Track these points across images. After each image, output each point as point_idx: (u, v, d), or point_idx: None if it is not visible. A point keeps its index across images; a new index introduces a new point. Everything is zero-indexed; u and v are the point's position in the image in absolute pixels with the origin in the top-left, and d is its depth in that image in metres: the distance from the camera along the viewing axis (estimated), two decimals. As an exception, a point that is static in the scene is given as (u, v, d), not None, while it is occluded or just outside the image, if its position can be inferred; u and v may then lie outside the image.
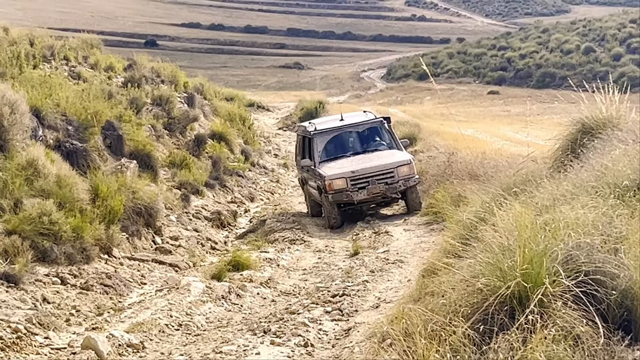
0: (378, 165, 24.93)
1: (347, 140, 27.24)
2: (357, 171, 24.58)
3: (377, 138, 27.16)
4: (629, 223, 8.95)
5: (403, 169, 24.61)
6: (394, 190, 24.66)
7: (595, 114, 14.40)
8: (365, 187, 24.40)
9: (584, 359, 7.05)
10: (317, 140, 26.56)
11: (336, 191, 24.29)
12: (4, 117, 17.82)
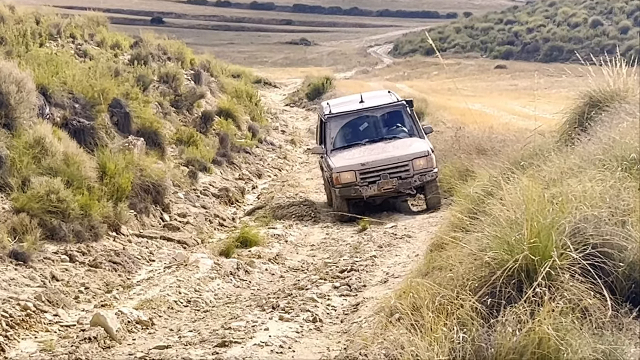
0: (391, 157, 22.11)
1: (363, 126, 24.29)
2: (368, 164, 21.95)
3: (397, 124, 24.26)
4: (636, 196, 8.95)
5: (419, 161, 21.75)
6: (408, 186, 21.88)
7: (603, 87, 14.40)
8: (375, 182, 21.79)
9: (591, 331, 7.06)
10: (331, 125, 24.09)
11: (344, 185, 21.99)
12: (11, 96, 17.84)
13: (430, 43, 13.41)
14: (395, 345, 6.68)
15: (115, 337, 12.45)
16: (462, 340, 6.62)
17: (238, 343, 11.97)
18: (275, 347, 11.86)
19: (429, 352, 6.30)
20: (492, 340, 6.67)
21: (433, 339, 6.61)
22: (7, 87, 17.82)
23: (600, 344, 6.92)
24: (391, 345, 6.73)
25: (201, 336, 12.47)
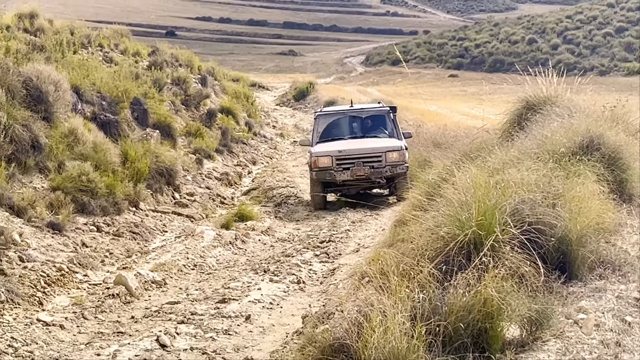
0: (367, 148, 20.84)
1: (348, 124, 22.86)
2: (344, 151, 20.60)
3: (379, 126, 22.51)
4: (564, 183, 9.00)
5: (392, 154, 20.39)
6: (379, 175, 20.40)
7: (537, 93, 14.45)
8: (349, 168, 20.23)
9: (527, 293, 7.09)
10: (320, 121, 22.84)
11: (321, 169, 20.39)
12: (50, 94, 17.81)
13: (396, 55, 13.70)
14: (366, 304, 6.68)
15: (134, 294, 12.51)
16: (422, 299, 6.63)
17: (236, 300, 12.03)
18: (266, 303, 11.93)
19: (394, 309, 6.30)
20: (446, 300, 6.68)
21: (397, 298, 6.62)
22: (46, 87, 17.79)
23: (534, 304, 6.95)
24: (362, 303, 6.73)
25: (205, 294, 12.53)
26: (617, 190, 10.59)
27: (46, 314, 11.25)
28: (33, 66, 18.59)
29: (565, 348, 6.62)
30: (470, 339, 6.51)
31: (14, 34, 25.01)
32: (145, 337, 10.19)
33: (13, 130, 15.67)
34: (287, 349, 9.40)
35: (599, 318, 7.24)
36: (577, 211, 8.32)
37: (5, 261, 12.37)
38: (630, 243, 9.34)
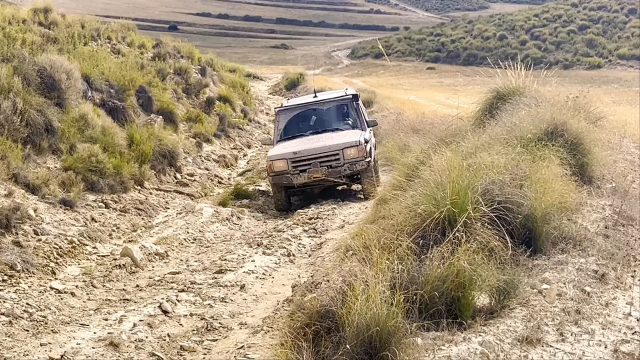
0: (322, 146, 17.53)
1: (309, 118, 19.57)
2: (299, 152, 17.37)
3: (341, 117, 19.47)
4: (531, 166, 9.05)
5: (350, 151, 17.18)
6: (337, 174, 17.38)
7: (507, 84, 14.48)
8: (306, 170, 17.24)
9: (496, 265, 7.12)
10: (280, 118, 19.79)
11: (277, 173, 17.35)
12: (62, 82, 17.78)
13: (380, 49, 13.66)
14: (350, 274, 6.70)
15: (139, 265, 12.52)
16: (400, 271, 6.65)
17: (231, 271, 12.04)
18: (259, 274, 11.94)
19: (375, 279, 6.32)
20: (422, 271, 6.70)
21: (378, 269, 6.63)
22: (59, 76, 17.75)
23: (502, 275, 6.98)
24: (347, 274, 6.75)
25: (204, 265, 12.55)
26: (579, 172, 10.64)
27: (58, 282, 11.26)
28: (47, 56, 18.55)
29: (530, 315, 6.65)
30: (444, 307, 6.54)
31: (30, 27, 24.94)
32: (149, 304, 10.20)
33: (28, 114, 15.65)
34: (278, 315, 9.42)
35: (561, 288, 7.28)
36: (542, 191, 8.37)
37: (21, 234, 12.38)
38: (590, 221, 9.39)
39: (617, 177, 11.88)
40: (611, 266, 8.02)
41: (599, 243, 8.60)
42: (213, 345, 9.26)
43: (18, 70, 16.79)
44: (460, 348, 6.02)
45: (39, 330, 9.38)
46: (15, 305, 10.07)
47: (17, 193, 13.61)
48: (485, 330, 6.37)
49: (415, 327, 6.21)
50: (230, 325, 9.86)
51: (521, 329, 6.38)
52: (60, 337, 9.04)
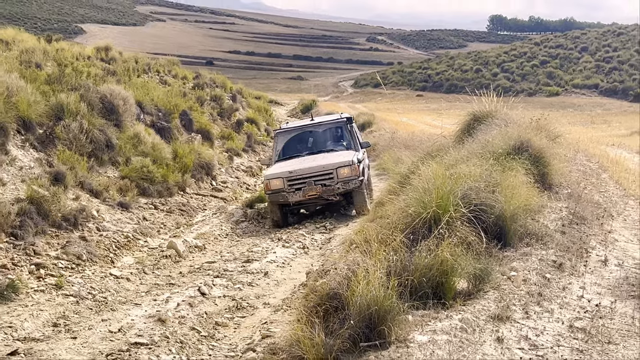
0: (317, 166, 15.54)
1: (306, 140, 17.49)
2: (295, 171, 15.43)
3: (336, 138, 17.42)
4: (501, 175, 9.05)
5: (343, 170, 15.21)
6: (331, 193, 15.30)
7: (482, 109, 14.48)
8: (301, 189, 15.26)
9: (473, 256, 7.12)
10: (278, 139, 17.63)
11: (273, 191, 15.35)
12: (120, 107, 17.86)
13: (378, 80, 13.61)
14: (354, 263, 6.70)
15: (181, 255, 12.54)
16: (395, 260, 6.66)
17: (257, 260, 12.05)
18: (279, 263, 11.94)
19: (374, 267, 6.33)
20: (413, 260, 6.70)
21: (377, 259, 6.64)
22: (117, 102, 17.83)
23: (478, 264, 6.98)
24: (351, 263, 6.75)
25: (234, 256, 12.54)
26: (540, 181, 10.66)
27: (116, 270, 11.30)
28: (107, 86, 18.62)
29: (501, 297, 6.65)
30: (430, 290, 6.54)
31: (93, 62, 25.06)
32: (190, 287, 10.22)
33: (92, 133, 15.73)
34: (295, 297, 9.43)
35: (526, 275, 7.28)
36: (510, 196, 8.38)
37: (86, 230, 12.43)
38: (550, 220, 9.40)
39: (572, 185, 11.88)
40: (567, 257, 8.03)
41: (557, 238, 8.61)
42: (242, 321, 9.28)
43: (84, 97, 16.87)
44: (444, 324, 6.03)
45: (101, 309, 9.42)
46: (82, 288, 10.13)
47: (83, 197, 13.68)
48: (464, 309, 6.37)
49: (407, 307, 6.22)
50: (256, 305, 9.87)
51: (493, 308, 6.38)
52: (118, 314, 9.07)
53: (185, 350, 8.16)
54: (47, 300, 9.56)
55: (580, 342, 5.82)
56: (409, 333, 5.79)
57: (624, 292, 7.13)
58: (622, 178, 15.00)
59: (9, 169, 12.76)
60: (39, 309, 9.19)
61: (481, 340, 5.73)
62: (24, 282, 9.87)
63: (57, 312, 9.08)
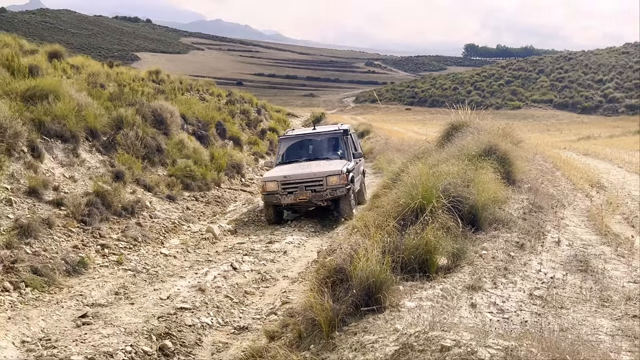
0: (309, 173, 14.19)
1: (306, 147, 16.09)
2: (289, 176, 14.10)
3: (332, 148, 15.86)
4: (474, 173, 9.02)
5: (332, 178, 13.91)
6: (320, 198, 13.97)
7: (458, 119, 14.42)
8: (293, 192, 13.93)
9: (451, 238, 7.11)
10: (281, 145, 16.44)
11: (268, 193, 14.08)
12: (167, 118, 17.92)
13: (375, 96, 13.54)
14: (355, 243, 6.70)
15: (217, 238, 12.55)
16: (388, 241, 6.65)
17: (278, 242, 12.06)
18: (295, 244, 11.96)
19: (372, 247, 6.32)
20: (403, 241, 6.69)
21: (374, 240, 6.64)
22: (165, 115, 17.89)
23: (455, 244, 6.97)
24: (353, 243, 6.75)
25: (260, 238, 12.56)
26: (506, 177, 10.62)
27: (165, 249, 11.33)
28: (157, 102, 18.69)
29: (474, 271, 6.65)
30: (417, 265, 6.53)
31: (146, 83, 25.13)
32: (224, 263, 10.25)
33: (145, 140, 15.77)
34: (308, 271, 9.45)
35: (494, 253, 7.27)
36: (481, 190, 8.36)
37: (141, 218, 12.47)
38: (513, 209, 9.38)
39: (531, 180, 11.85)
40: (527, 239, 8.02)
41: (519, 223, 8.59)
42: (266, 290, 9.31)
43: (139, 111, 16.94)
44: (428, 292, 6.03)
45: (153, 280, 9.46)
46: (137, 264, 10.17)
47: (138, 191, 13.73)
48: (445, 281, 6.37)
49: (399, 279, 6.22)
50: (277, 277, 9.90)
51: (468, 280, 6.38)
52: (167, 284, 9.11)
53: (221, 314, 8.20)
54: (110, 273, 9.62)
55: (538, 307, 5.82)
56: (400, 300, 5.79)
57: (573, 267, 7.12)
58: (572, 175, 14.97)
59: (79, 168, 12.83)
60: (104, 280, 9.25)
61: (458, 306, 5.73)
62: (91, 259, 9.93)
63: (118, 283, 9.13)
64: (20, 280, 8.38)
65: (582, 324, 5.41)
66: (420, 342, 4.63)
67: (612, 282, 6.61)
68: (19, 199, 10.42)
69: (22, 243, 9.31)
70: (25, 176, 11.05)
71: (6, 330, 7.12)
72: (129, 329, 7.23)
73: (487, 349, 4.31)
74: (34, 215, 10.11)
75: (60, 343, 6.90)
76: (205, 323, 7.79)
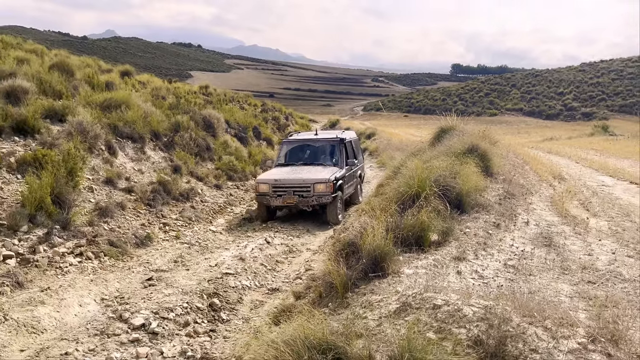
0: (298, 179, 12.09)
1: (304, 152, 13.96)
2: (279, 180, 12.09)
3: (328, 154, 13.60)
4: (459, 167, 8.92)
5: (319, 186, 11.89)
6: (306, 204, 11.93)
7: (447, 124, 14.27)
8: (282, 196, 11.99)
9: (442, 219, 7.07)
10: (283, 147, 14.31)
11: (260, 193, 12.16)
12: (215, 123, 17.97)
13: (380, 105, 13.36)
14: (364, 223, 6.68)
15: (254, 218, 12.53)
16: (391, 221, 6.63)
17: (303, 221, 12.01)
18: (317, 223, 11.90)
19: (378, 226, 6.30)
20: (402, 221, 6.67)
21: (379, 220, 6.62)
22: (213, 120, 17.94)
23: (444, 224, 6.93)
24: (362, 222, 6.73)
25: (288, 219, 12.51)
26: (485, 170, 10.49)
27: (213, 227, 11.36)
28: (207, 110, 18.73)
29: (459, 245, 6.60)
30: (414, 240, 6.50)
31: (197, 95, 25.23)
32: (260, 238, 10.26)
33: (197, 141, 15.83)
34: (327, 244, 9.45)
35: (476, 231, 7.22)
36: (465, 180, 8.28)
37: (194, 202, 12.52)
38: (491, 196, 9.28)
39: (505, 173, 11.72)
40: (502, 220, 7.94)
41: (496, 207, 8.51)
42: (293, 259, 9.31)
43: (192, 117, 16.99)
44: (422, 262, 6.01)
45: (204, 251, 9.51)
46: (191, 239, 10.22)
47: (192, 181, 13.78)
48: (436, 253, 6.34)
49: (399, 251, 6.20)
50: (302, 250, 9.90)
51: (455, 252, 6.34)
52: (215, 254, 9.15)
53: (257, 278, 8.23)
54: (170, 246, 9.68)
55: (511, 274, 5.78)
56: (400, 268, 5.78)
57: (539, 242, 7.06)
58: (538, 169, 14.79)
59: (145, 163, 12.92)
60: (165, 251, 9.32)
61: (447, 273, 5.70)
62: (155, 235, 10.00)
63: (176, 254, 9.20)
64: (100, 251, 8.48)
65: (546, 288, 5.37)
66: (416, 301, 4.62)
67: (570, 255, 6.55)
68: (99, 187, 10.53)
69: (101, 221, 9.42)
70: (103, 169, 11.16)
71: (89, 289, 7.21)
72: (185, 289, 7.29)
73: (470, 307, 4.29)
74: (110, 199, 10.22)
75: (132, 300, 6.98)
76: (245, 285, 7.83)
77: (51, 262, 7.64)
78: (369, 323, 4.53)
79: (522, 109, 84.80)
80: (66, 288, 7.07)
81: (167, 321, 6.37)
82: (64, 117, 11.64)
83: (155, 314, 6.46)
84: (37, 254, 7.64)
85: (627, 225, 8.22)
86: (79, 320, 6.40)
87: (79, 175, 9.75)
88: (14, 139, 10.12)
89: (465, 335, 3.97)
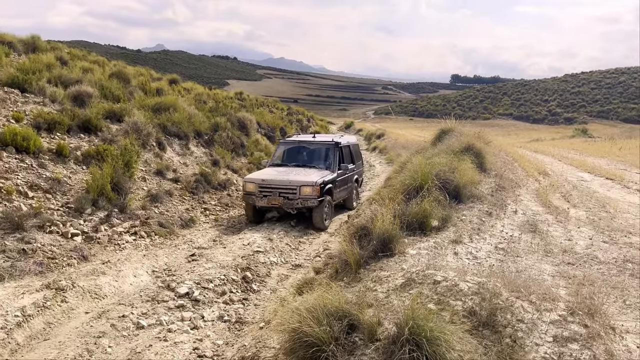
0: (284, 180, 10.04)
1: (299, 153, 11.62)
2: (266, 181, 10.09)
3: (322, 158, 11.33)
4: (457, 163, 8.84)
5: (305, 189, 9.89)
6: (290, 206, 9.96)
7: (446, 126, 14.13)
8: (267, 196, 10.01)
9: (442, 207, 7.02)
10: (279, 147, 12.08)
11: (247, 192, 10.15)
12: (248, 124, 17.97)
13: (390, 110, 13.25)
14: (374, 210, 6.67)
15: (280, 205, 12.50)
16: (397, 209, 6.60)
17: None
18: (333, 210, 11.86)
19: (386, 213, 6.28)
20: (408, 209, 6.64)
21: (387, 208, 6.59)
22: (246, 122, 17.95)
23: (444, 212, 6.88)
24: (373, 210, 6.71)
25: (309, 206, 12.48)
26: (480, 167, 10.38)
27: (246, 212, 11.37)
28: (241, 113, 18.75)
29: (457, 230, 6.56)
30: (417, 225, 6.47)
31: (234, 100, 25.29)
32: (285, 222, 10.25)
33: (233, 139, 15.87)
34: (342, 228, 9.43)
35: (471, 218, 7.16)
36: (462, 175, 8.20)
37: (230, 190, 12.54)
38: (485, 188, 9.18)
39: (497, 169, 11.57)
40: (494, 209, 7.86)
41: (489, 198, 8.42)
42: (313, 240, 9.32)
43: (229, 119, 17.05)
44: (425, 244, 5.98)
45: (238, 232, 9.56)
46: (228, 222, 10.26)
47: (228, 173, 13.83)
48: (436, 236, 6.31)
49: (404, 235, 6.18)
50: (321, 233, 9.90)
51: (453, 236, 6.30)
52: (246, 235, 9.17)
53: (283, 255, 8.27)
54: (210, 227, 9.76)
55: (501, 255, 5.73)
56: (405, 249, 5.76)
57: (526, 228, 6.98)
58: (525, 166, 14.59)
59: (189, 157, 13.03)
60: (206, 232, 9.40)
61: (445, 253, 5.68)
62: (197, 218, 10.09)
63: (215, 234, 9.26)
64: (151, 231, 8.59)
65: (531, 267, 5.32)
66: (419, 277, 4.61)
67: (553, 240, 6.47)
68: (150, 177, 10.66)
69: (152, 206, 9.54)
70: (154, 162, 11.29)
71: (142, 263, 7.32)
72: (222, 264, 7.36)
73: (466, 283, 4.27)
74: (160, 187, 10.34)
75: (177, 272, 7.07)
76: (273, 261, 7.88)
77: (110, 240, 7.78)
78: (378, 295, 4.54)
79: (512, 114, 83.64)
80: (123, 261, 7.20)
81: (207, 290, 6.44)
82: (121, 117, 11.81)
83: (197, 284, 6.54)
84: (99, 233, 7.78)
85: (603, 215, 8.09)
86: (133, 288, 6.51)
87: (134, 167, 9.89)
88: (80, 135, 10.29)
89: (461, 307, 3.96)
